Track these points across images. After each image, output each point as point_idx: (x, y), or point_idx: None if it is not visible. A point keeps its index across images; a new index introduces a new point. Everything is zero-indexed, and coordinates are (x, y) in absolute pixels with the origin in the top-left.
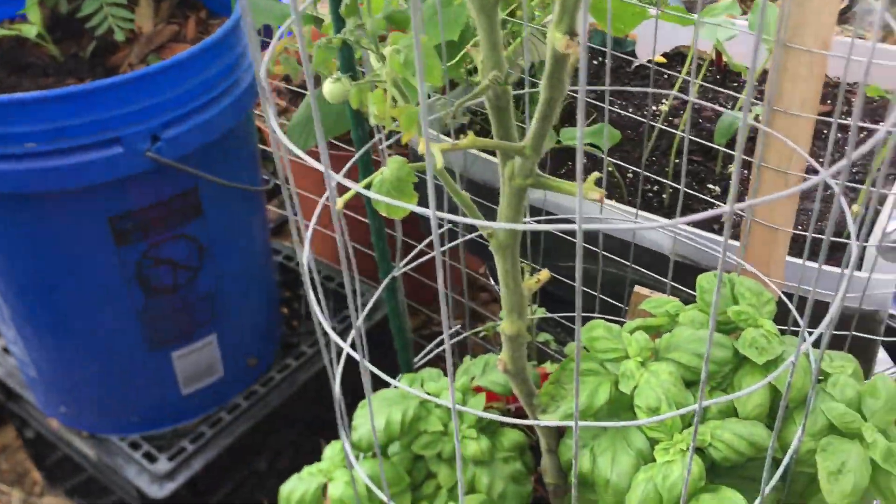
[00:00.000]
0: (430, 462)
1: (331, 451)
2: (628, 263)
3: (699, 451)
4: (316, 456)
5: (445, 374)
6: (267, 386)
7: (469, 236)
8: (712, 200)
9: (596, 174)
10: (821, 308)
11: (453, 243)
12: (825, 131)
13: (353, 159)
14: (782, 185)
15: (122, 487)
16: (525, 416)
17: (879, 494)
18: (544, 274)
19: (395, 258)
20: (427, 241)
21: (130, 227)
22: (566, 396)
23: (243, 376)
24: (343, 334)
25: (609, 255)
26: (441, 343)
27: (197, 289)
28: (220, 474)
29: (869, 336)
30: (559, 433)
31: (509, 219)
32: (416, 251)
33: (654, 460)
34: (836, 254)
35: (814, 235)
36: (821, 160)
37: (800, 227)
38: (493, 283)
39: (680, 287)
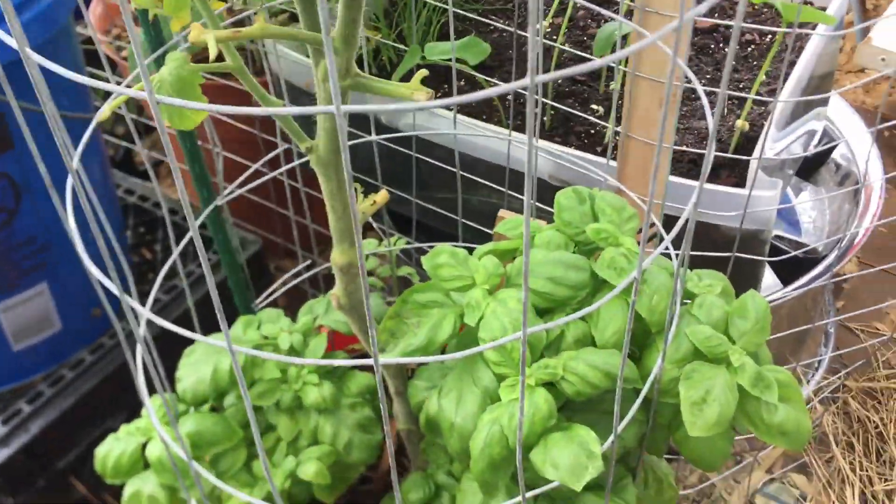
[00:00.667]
0: (269, 413)
1: (151, 406)
2: (504, 189)
3: (551, 385)
4: None
5: (293, 308)
6: (115, 339)
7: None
8: (595, 120)
9: (423, 72)
10: (703, 229)
11: (289, 165)
12: (711, 45)
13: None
14: (658, 99)
15: None
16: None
17: (748, 422)
18: (381, 196)
19: (219, 187)
20: (261, 162)
21: None
22: (407, 332)
23: (87, 329)
24: (200, 282)
25: (482, 181)
26: (287, 282)
27: (15, 233)
28: (65, 437)
29: (752, 257)
30: (407, 375)
31: (329, 130)
32: (247, 173)
33: (500, 400)
34: (725, 173)
35: (687, 150)
36: (708, 77)
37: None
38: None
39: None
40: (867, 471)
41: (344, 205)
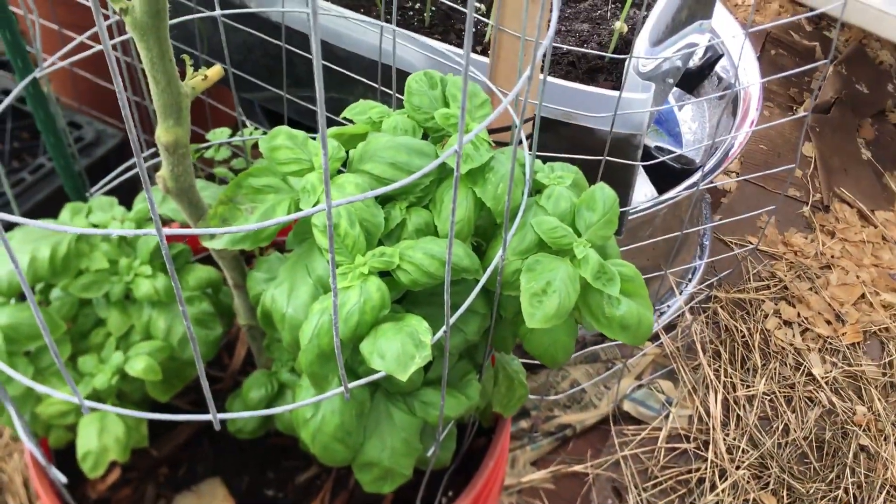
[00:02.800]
0: (98, 307)
1: None
2: (377, 86)
3: (387, 275)
4: None
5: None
6: None
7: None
8: (480, 18)
9: None
10: (577, 132)
11: (124, 37)
12: None
13: None
14: None
15: None
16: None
17: (590, 315)
18: (214, 71)
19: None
20: (89, 33)
21: None
22: (240, 218)
23: None
24: (38, 183)
25: (357, 77)
26: (128, 170)
27: None
28: None
29: (623, 161)
30: (243, 264)
31: None
32: (73, 44)
33: None
34: (603, 77)
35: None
36: None
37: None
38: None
39: None
40: (731, 378)
41: (168, 77)
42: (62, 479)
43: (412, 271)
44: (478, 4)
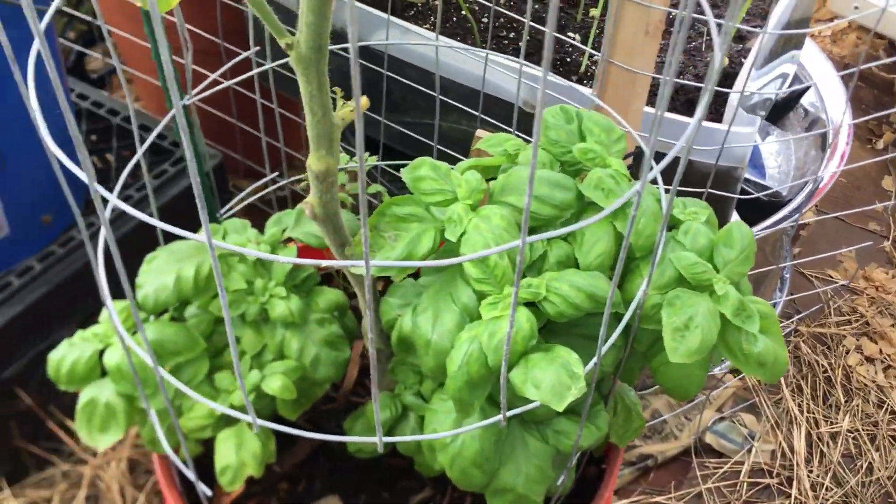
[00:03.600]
0: (234, 325)
1: (109, 312)
2: (476, 113)
3: (533, 306)
4: None
5: (254, 225)
6: (66, 247)
7: (277, 63)
8: (574, 43)
9: None
10: (676, 164)
11: (258, 70)
12: None
13: None
14: (643, 24)
15: None
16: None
17: (727, 351)
18: (362, 102)
19: (187, 86)
20: (227, 66)
21: None
22: (384, 245)
23: (36, 236)
24: (160, 190)
25: (455, 104)
26: (252, 194)
27: None
28: (12, 347)
29: (725, 193)
30: (380, 290)
31: (312, 25)
32: (214, 76)
33: (479, 318)
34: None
35: (677, 81)
36: None
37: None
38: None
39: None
40: (814, 413)
41: (324, 108)
42: (207, 491)
43: (558, 303)
44: (573, 35)
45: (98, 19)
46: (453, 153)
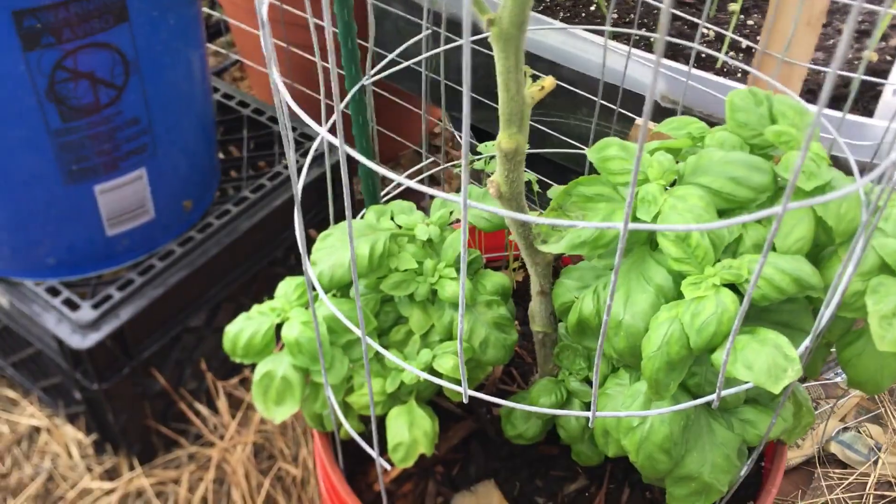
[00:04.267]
0: (401, 305)
1: (285, 288)
2: (613, 107)
3: (732, 288)
4: None
5: (418, 208)
6: (204, 232)
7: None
8: (718, 29)
9: None
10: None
11: (440, 49)
12: None
13: None
14: (805, 14)
15: (39, 338)
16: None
17: None
18: (549, 81)
19: (366, 66)
20: (406, 45)
21: (40, 28)
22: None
23: (177, 220)
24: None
25: (585, 96)
26: (411, 177)
27: (122, 111)
28: (151, 328)
29: None
30: (554, 273)
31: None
32: (392, 56)
33: (675, 298)
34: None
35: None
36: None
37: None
38: (456, 132)
39: None
40: None
41: (518, 85)
42: (387, 466)
43: (763, 286)
44: (705, 31)
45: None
46: (578, 150)
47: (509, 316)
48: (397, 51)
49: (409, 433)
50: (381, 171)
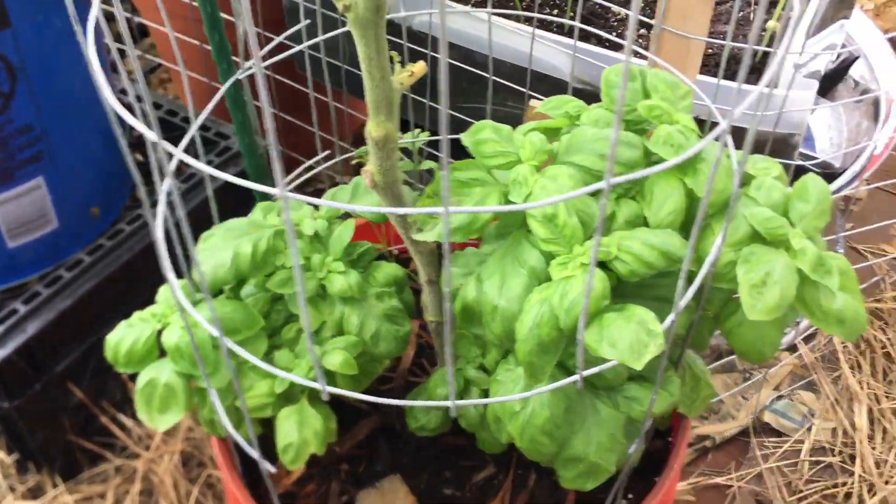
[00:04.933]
0: (291, 302)
1: (165, 292)
2: (523, 90)
3: (603, 266)
4: None
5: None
6: (114, 239)
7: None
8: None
9: None
10: (739, 133)
11: (308, 42)
12: None
13: None
14: None
15: None
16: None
17: (804, 309)
18: (419, 66)
19: (241, 55)
20: (287, 33)
21: None
22: None
23: (85, 228)
24: (199, 186)
25: (503, 82)
26: (308, 170)
27: (13, 119)
28: (63, 340)
29: (783, 161)
30: (440, 260)
31: None
32: (273, 44)
33: (548, 280)
34: (753, 74)
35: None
36: None
37: (713, 49)
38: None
39: None
40: (874, 389)
41: (382, 72)
42: (271, 469)
43: (630, 261)
44: (616, 10)
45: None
46: None
47: (401, 307)
48: (272, 43)
49: (299, 433)
50: (242, 182)
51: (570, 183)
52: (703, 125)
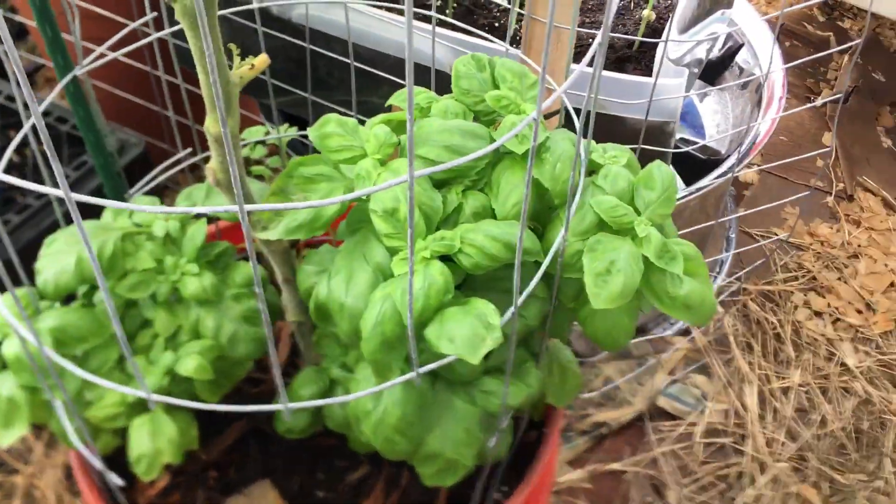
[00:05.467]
0: (144, 307)
1: (7, 301)
2: (403, 82)
3: (448, 259)
4: None
5: (164, 202)
6: None
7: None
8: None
9: None
10: (608, 122)
11: (157, 35)
12: None
13: None
14: None
15: None
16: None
17: (652, 295)
18: (261, 59)
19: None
20: (124, 32)
21: None
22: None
23: None
24: (79, 183)
25: (383, 75)
26: (167, 169)
27: None
28: None
29: (658, 148)
30: (294, 259)
31: None
32: (114, 40)
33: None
34: (632, 66)
35: (616, 37)
36: None
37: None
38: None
39: None
40: (765, 370)
41: (219, 65)
42: (119, 482)
43: (474, 254)
44: (498, 1)
45: None
46: None
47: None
48: (113, 39)
49: (152, 443)
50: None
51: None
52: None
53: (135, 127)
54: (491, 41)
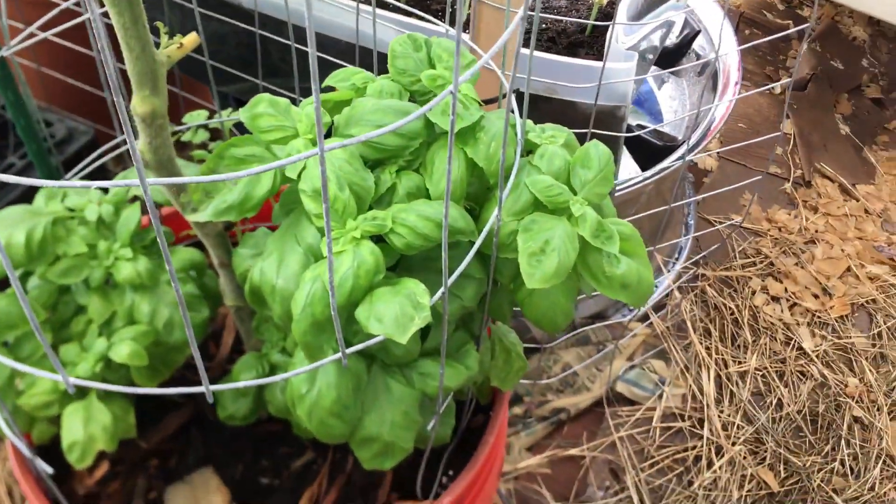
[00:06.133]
0: (78, 293)
1: None
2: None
3: (380, 240)
4: None
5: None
6: None
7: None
8: None
9: None
10: (560, 107)
11: (87, 16)
12: None
13: None
14: None
15: None
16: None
17: (589, 275)
18: (190, 39)
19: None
20: (54, 12)
21: None
22: (222, 190)
23: None
24: (26, 171)
25: (333, 60)
26: (106, 153)
27: None
28: None
29: (608, 133)
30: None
31: None
32: (38, 24)
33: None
34: (584, 51)
35: (559, 20)
36: None
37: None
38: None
39: None
40: (722, 355)
41: (142, 43)
42: (48, 469)
43: (406, 234)
44: None
45: None
46: None
47: (198, 293)
48: (39, 22)
49: (85, 430)
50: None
51: (344, 156)
52: (539, 101)
53: (84, 115)
54: (437, 24)
